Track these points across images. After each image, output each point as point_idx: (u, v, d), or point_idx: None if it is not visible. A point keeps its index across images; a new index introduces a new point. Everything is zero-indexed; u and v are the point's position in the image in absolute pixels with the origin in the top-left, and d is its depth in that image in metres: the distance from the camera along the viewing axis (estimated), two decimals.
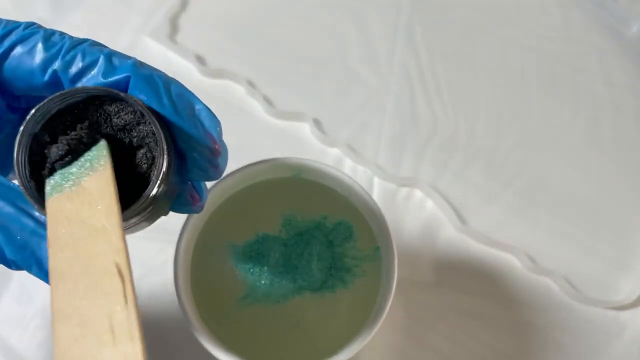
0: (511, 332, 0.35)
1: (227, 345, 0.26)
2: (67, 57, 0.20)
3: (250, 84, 0.42)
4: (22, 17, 0.48)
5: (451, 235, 0.38)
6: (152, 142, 0.20)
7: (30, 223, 0.18)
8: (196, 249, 0.29)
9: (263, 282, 0.28)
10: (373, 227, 0.29)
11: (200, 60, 0.43)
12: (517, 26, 0.47)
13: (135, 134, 0.20)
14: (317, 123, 0.41)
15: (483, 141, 0.41)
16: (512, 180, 0.40)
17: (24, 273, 0.36)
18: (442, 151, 0.41)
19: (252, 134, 0.41)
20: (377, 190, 0.39)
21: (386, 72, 0.44)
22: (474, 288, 0.36)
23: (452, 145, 0.41)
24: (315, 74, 0.44)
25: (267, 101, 0.41)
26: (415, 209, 0.39)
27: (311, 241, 0.29)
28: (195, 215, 0.28)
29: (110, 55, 0.21)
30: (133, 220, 0.19)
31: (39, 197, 0.18)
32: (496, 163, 0.41)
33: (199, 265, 0.29)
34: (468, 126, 0.42)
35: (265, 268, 0.28)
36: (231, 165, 0.40)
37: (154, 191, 0.19)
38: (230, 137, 0.41)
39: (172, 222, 0.38)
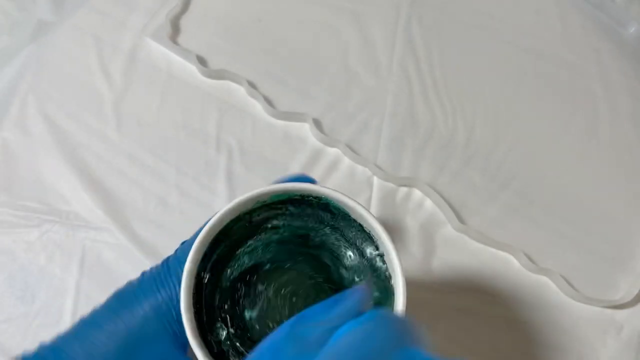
0: (509, 331, 0.35)
1: None
2: None
3: (251, 85, 0.42)
4: (25, 18, 0.48)
5: (450, 235, 0.38)
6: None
7: None
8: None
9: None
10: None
11: (201, 61, 0.43)
12: (515, 27, 0.47)
13: None
14: (317, 123, 0.41)
15: (481, 141, 0.42)
16: (511, 180, 0.40)
17: (25, 272, 0.36)
18: (441, 151, 0.41)
19: (253, 134, 0.41)
20: (376, 190, 0.39)
21: (385, 73, 0.44)
22: (472, 287, 0.37)
23: (451, 145, 0.41)
24: (315, 74, 0.44)
25: (268, 101, 0.42)
26: (414, 209, 0.39)
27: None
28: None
29: None
30: None
31: None
32: (494, 163, 0.41)
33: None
34: (466, 126, 0.42)
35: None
36: (233, 165, 0.41)
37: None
38: (230, 137, 0.42)
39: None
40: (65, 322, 0.35)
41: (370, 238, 0.25)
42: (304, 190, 0.24)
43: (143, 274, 0.24)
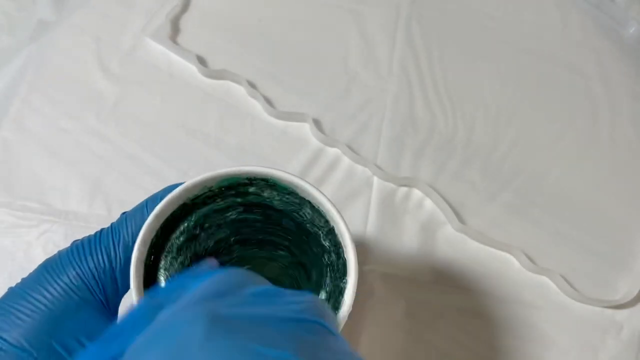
0: (509, 331, 0.35)
1: None
2: None
3: (251, 85, 0.42)
4: (24, 18, 0.48)
5: (450, 235, 0.38)
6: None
7: None
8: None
9: None
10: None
11: (201, 61, 0.43)
12: (515, 27, 0.47)
13: None
14: (317, 123, 0.41)
15: (481, 141, 0.42)
16: (511, 180, 0.40)
17: (25, 273, 0.36)
18: (440, 151, 0.41)
19: (253, 134, 0.41)
20: (376, 190, 0.39)
21: (385, 73, 0.44)
22: (472, 287, 0.37)
23: (451, 145, 0.41)
24: (315, 74, 0.44)
25: (268, 101, 0.42)
26: (414, 209, 0.39)
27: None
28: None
29: None
30: None
31: None
32: (494, 163, 0.41)
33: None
34: (466, 126, 0.42)
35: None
36: (232, 165, 0.41)
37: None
38: (230, 137, 0.42)
39: None
40: None
41: (319, 213, 0.25)
42: (250, 172, 0.25)
43: (73, 242, 0.24)
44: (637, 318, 0.36)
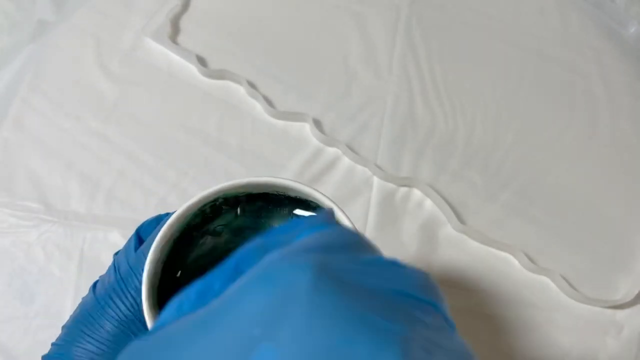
0: (509, 331, 0.35)
1: None
2: None
3: (251, 85, 0.42)
4: (24, 18, 0.48)
5: (450, 235, 0.38)
6: None
7: None
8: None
9: None
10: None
11: (201, 61, 0.43)
12: (515, 27, 0.47)
13: None
14: (317, 123, 0.41)
15: (481, 141, 0.42)
16: (511, 180, 0.40)
17: (24, 273, 0.36)
18: (441, 151, 0.41)
19: (253, 134, 0.41)
20: (376, 190, 0.39)
21: (386, 73, 0.44)
22: (472, 287, 0.37)
23: (451, 145, 0.41)
24: (315, 74, 0.44)
25: (268, 101, 0.42)
26: (414, 209, 0.39)
27: None
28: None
29: None
30: None
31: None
32: (495, 163, 0.41)
33: None
34: (467, 126, 0.42)
35: None
36: (232, 165, 0.41)
37: None
38: (230, 137, 0.42)
39: None
40: (64, 323, 0.35)
41: None
42: (264, 183, 0.23)
43: (94, 290, 0.24)
44: (637, 318, 0.36)
